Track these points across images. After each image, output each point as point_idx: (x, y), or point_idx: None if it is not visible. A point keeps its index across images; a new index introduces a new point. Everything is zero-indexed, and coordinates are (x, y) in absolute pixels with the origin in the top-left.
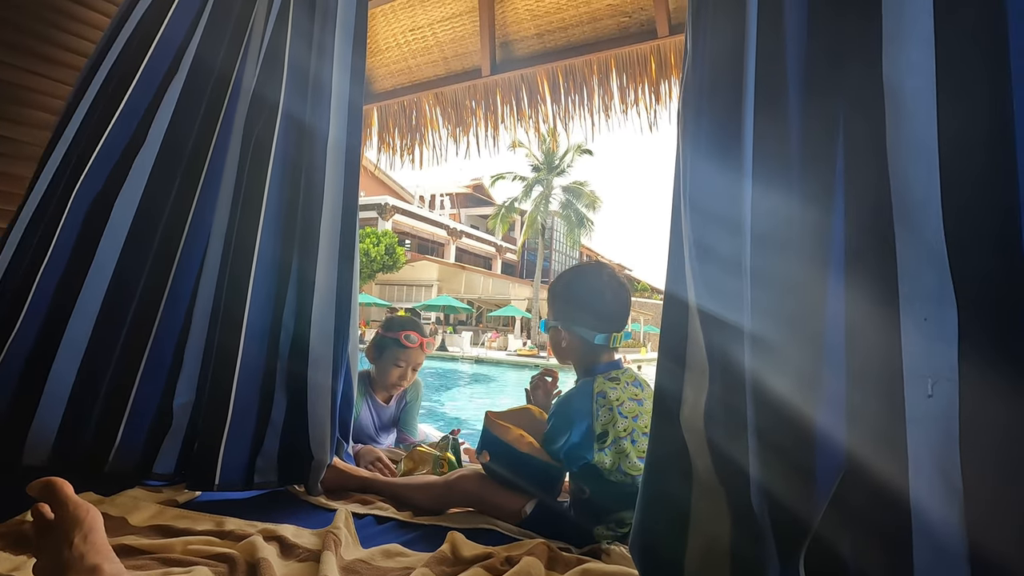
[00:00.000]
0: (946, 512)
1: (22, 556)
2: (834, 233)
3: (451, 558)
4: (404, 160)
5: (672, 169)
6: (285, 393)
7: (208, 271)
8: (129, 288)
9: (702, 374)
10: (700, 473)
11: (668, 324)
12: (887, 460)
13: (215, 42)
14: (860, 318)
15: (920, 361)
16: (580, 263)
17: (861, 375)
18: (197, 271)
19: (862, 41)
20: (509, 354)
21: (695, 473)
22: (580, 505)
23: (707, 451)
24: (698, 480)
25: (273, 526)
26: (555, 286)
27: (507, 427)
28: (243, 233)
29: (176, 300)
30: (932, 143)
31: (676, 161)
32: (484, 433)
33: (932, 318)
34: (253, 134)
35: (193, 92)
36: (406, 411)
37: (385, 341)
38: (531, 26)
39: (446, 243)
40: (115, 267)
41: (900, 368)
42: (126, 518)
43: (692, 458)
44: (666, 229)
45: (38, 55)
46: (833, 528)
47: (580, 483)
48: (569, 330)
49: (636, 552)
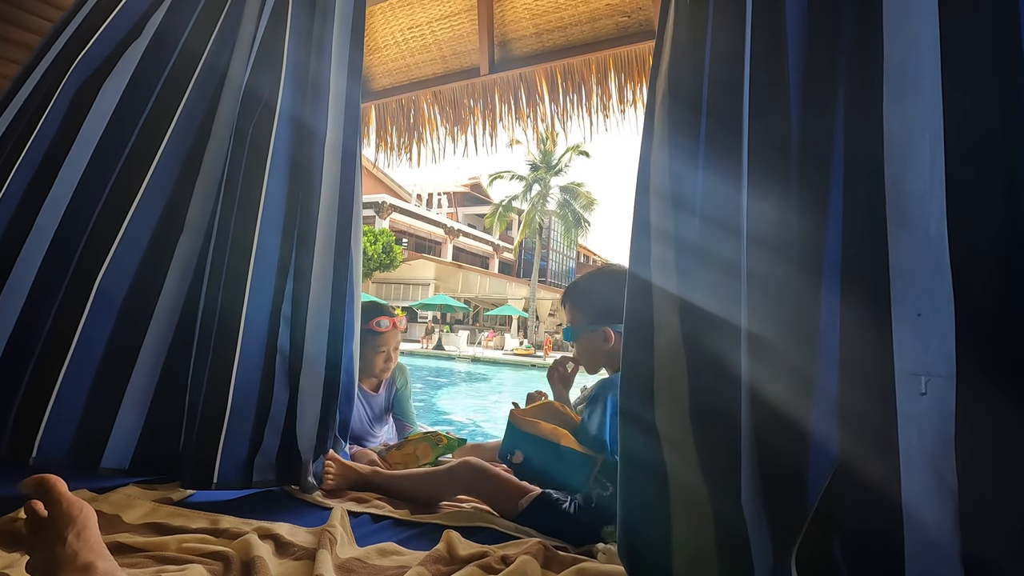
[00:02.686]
0: (939, 512)
1: (15, 553)
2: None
3: (447, 556)
4: (402, 158)
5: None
6: (285, 391)
7: (180, 259)
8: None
9: (678, 370)
10: (677, 473)
11: (632, 315)
12: (878, 460)
13: (182, 16)
14: (851, 316)
15: (912, 359)
16: (600, 266)
17: (853, 374)
18: (144, 248)
19: (863, 16)
20: (506, 353)
21: (670, 473)
22: (598, 502)
23: (693, 450)
24: (675, 480)
25: (268, 524)
26: (584, 291)
27: (537, 423)
28: (237, 229)
29: (105, 294)
30: (937, 122)
31: (643, 155)
32: (512, 432)
33: (926, 313)
34: (248, 129)
35: (152, 63)
36: (398, 399)
37: (360, 336)
38: (530, 25)
39: (443, 242)
40: (53, 236)
41: (892, 366)
42: (120, 516)
43: (666, 457)
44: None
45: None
46: (824, 527)
47: (604, 479)
48: (615, 329)
49: (623, 553)
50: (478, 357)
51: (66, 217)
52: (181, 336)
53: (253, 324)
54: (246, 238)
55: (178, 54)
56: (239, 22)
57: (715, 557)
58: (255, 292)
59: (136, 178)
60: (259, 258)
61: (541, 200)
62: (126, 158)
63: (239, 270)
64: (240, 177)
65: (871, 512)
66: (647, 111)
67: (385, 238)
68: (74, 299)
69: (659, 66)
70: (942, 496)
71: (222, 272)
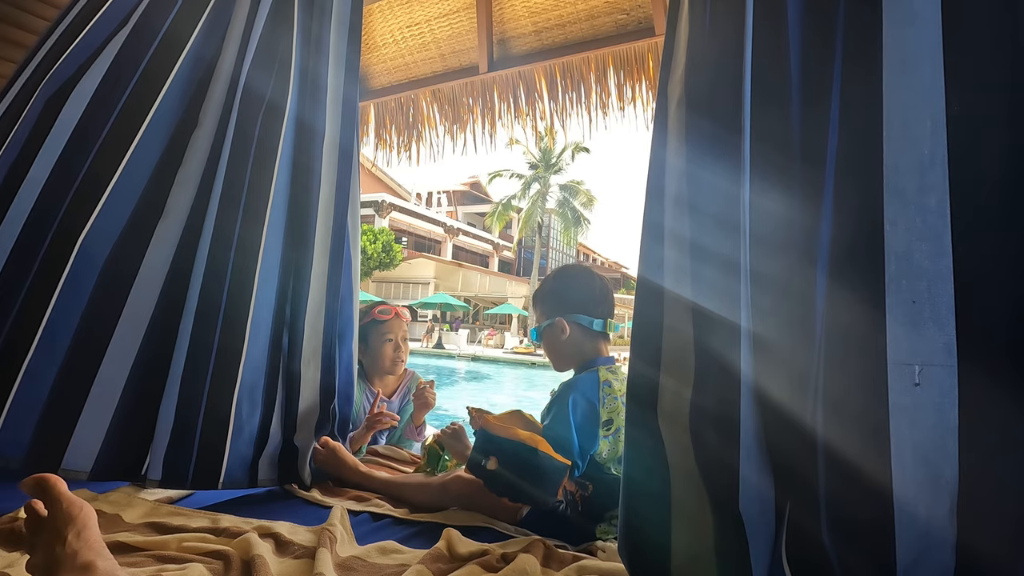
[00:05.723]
0: (931, 503)
1: (15, 553)
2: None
3: (447, 555)
4: (401, 157)
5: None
6: (286, 390)
7: (157, 254)
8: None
9: (685, 372)
10: (679, 471)
11: (641, 319)
12: (870, 452)
13: (165, 4)
14: (843, 307)
15: (905, 348)
16: (563, 264)
17: (846, 366)
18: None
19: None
20: (506, 352)
21: (672, 472)
22: (582, 503)
23: (690, 449)
24: (676, 479)
25: (268, 523)
26: (544, 286)
27: (513, 429)
28: (243, 230)
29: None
30: (939, 95)
31: (655, 159)
32: (487, 438)
33: (921, 299)
34: (253, 130)
35: (134, 51)
36: (407, 407)
37: (363, 329)
38: (528, 23)
39: (443, 240)
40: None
41: (884, 356)
42: (120, 515)
43: (669, 456)
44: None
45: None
46: (815, 520)
47: (583, 479)
48: (569, 320)
49: (623, 551)
50: (478, 355)
51: (39, 202)
52: (159, 335)
53: (259, 326)
54: (253, 240)
55: (159, 42)
56: (230, 13)
57: (714, 556)
58: (261, 294)
59: (114, 161)
60: (265, 260)
61: (540, 198)
62: (101, 145)
63: (245, 271)
64: (247, 179)
65: (861, 504)
66: (658, 114)
67: (385, 237)
68: (41, 289)
69: (672, 70)
70: (936, 488)
71: (225, 274)
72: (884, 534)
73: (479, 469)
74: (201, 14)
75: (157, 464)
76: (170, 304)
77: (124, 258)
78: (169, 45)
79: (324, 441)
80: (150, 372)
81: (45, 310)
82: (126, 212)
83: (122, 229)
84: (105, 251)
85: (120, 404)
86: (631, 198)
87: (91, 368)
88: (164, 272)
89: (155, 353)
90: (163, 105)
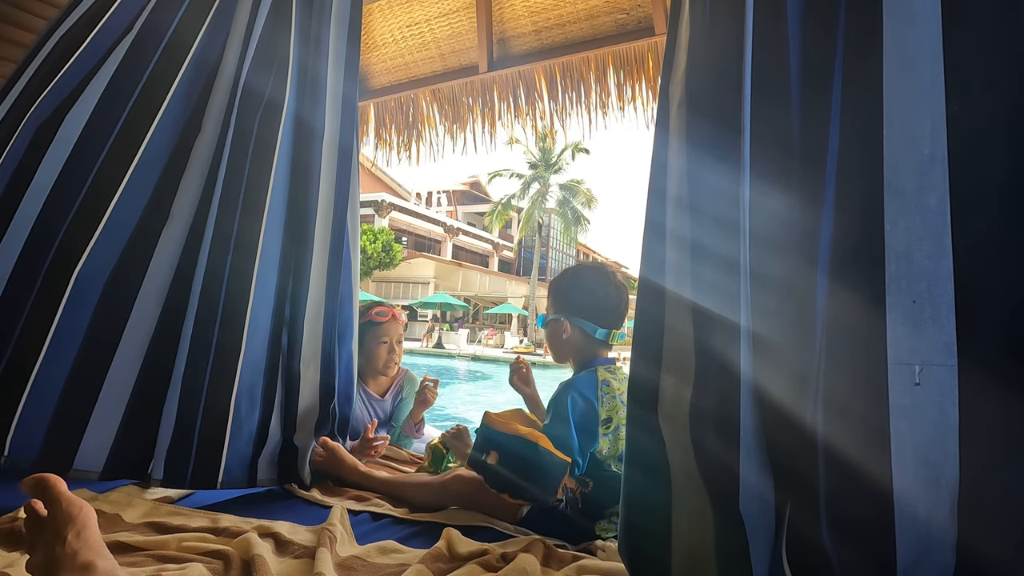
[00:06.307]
0: (932, 503)
1: (15, 553)
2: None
3: (447, 555)
4: (401, 157)
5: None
6: (286, 390)
7: (164, 255)
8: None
9: (686, 372)
10: (679, 471)
11: (643, 319)
12: (870, 452)
13: (169, 9)
14: (844, 307)
15: (906, 348)
16: (584, 262)
17: (846, 366)
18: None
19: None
20: (506, 351)
21: (673, 471)
22: (582, 500)
23: (691, 449)
24: (677, 478)
25: (268, 523)
26: (559, 281)
27: (514, 424)
28: (241, 229)
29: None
30: (939, 94)
31: (657, 159)
32: (488, 434)
33: (921, 299)
34: (251, 128)
35: (137, 58)
36: (400, 406)
37: (359, 329)
38: (528, 23)
39: (443, 240)
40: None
41: (884, 356)
42: (120, 515)
43: (670, 456)
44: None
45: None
46: (815, 520)
47: (583, 477)
48: (572, 322)
49: (623, 550)
50: (478, 355)
51: (46, 208)
52: (164, 337)
53: (257, 324)
54: (251, 239)
55: (164, 47)
56: (232, 14)
57: (714, 556)
58: (259, 292)
59: (118, 171)
60: (264, 259)
61: (540, 198)
62: (109, 150)
63: (243, 271)
64: (245, 177)
65: (862, 503)
66: (659, 115)
67: (384, 237)
68: (50, 293)
69: (673, 71)
70: (937, 488)
71: (224, 272)
72: (884, 534)
73: (480, 464)
74: (205, 17)
75: (160, 463)
76: (174, 306)
77: (130, 267)
78: (173, 51)
79: (323, 441)
80: (156, 373)
81: (52, 319)
82: (131, 222)
83: (128, 239)
84: (111, 263)
85: (128, 406)
86: (631, 198)
87: (99, 374)
88: (169, 275)
89: (160, 354)
90: (167, 113)
